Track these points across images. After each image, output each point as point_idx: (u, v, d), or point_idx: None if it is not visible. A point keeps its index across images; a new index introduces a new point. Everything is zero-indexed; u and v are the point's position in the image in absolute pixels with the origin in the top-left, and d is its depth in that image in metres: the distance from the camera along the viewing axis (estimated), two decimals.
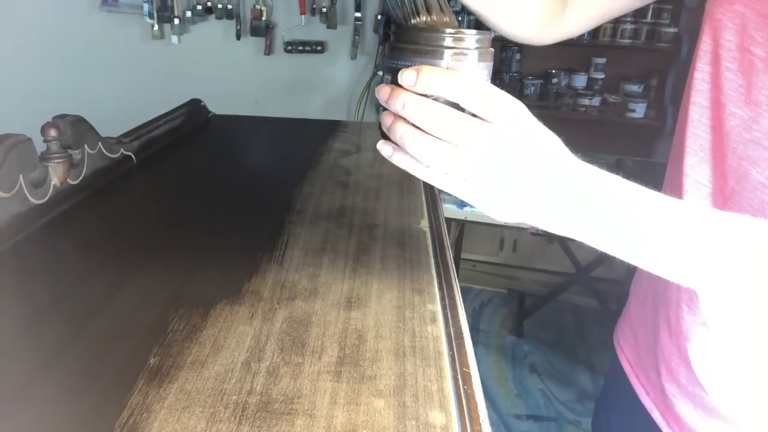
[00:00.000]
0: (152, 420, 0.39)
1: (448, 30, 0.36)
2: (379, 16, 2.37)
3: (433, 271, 0.61)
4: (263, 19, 2.47)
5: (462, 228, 2.43)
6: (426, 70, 0.35)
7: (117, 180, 0.85)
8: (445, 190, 0.38)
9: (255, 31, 2.50)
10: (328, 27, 2.45)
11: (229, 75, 2.60)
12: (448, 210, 1.89)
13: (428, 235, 0.70)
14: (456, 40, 0.36)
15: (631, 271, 0.68)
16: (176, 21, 2.48)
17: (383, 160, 0.40)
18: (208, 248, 0.66)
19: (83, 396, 0.42)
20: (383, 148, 0.39)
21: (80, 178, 0.76)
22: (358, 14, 2.45)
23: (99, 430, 0.38)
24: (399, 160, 0.39)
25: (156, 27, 2.52)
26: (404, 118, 0.36)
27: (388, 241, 0.68)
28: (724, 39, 0.47)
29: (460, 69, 0.36)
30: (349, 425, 0.39)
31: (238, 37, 2.53)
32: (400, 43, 0.37)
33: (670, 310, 0.56)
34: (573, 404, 1.93)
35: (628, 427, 0.68)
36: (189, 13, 2.50)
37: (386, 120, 0.38)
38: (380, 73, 2.41)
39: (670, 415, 0.59)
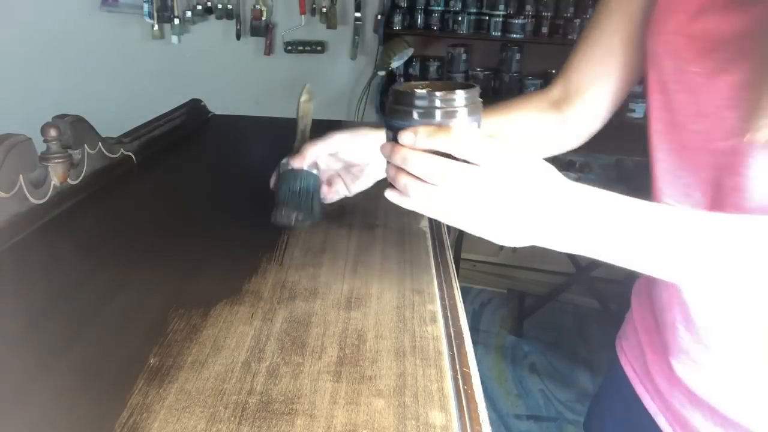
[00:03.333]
0: (152, 420, 0.39)
1: (438, 93, 0.41)
2: (379, 16, 2.37)
3: (433, 271, 0.61)
4: (263, 19, 2.47)
5: None
6: (421, 131, 0.40)
7: (117, 180, 0.85)
8: (452, 225, 0.43)
9: (255, 31, 2.50)
10: (328, 27, 2.45)
11: (229, 75, 2.60)
12: None
13: (428, 235, 0.70)
14: (445, 101, 0.41)
15: (630, 272, 0.68)
16: (176, 21, 2.48)
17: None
18: (208, 248, 0.66)
19: (83, 396, 0.42)
20: (391, 195, 0.44)
21: (80, 178, 0.76)
22: (358, 14, 2.45)
23: (99, 430, 0.38)
24: (406, 203, 0.43)
25: (156, 27, 2.52)
26: (405, 170, 0.41)
27: (388, 241, 0.68)
28: (665, 66, 0.50)
29: (451, 124, 0.41)
30: (349, 425, 0.39)
31: (238, 37, 2.53)
32: (397, 105, 0.42)
33: (675, 322, 0.56)
34: (573, 404, 1.93)
35: (623, 429, 0.68)
36: (189, 13, 2.50)
37: (390, 172, 0.43)
38: (380, 73, 2.40)
39: (678, 422, 0.58)
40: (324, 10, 2.43)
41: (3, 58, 2.64)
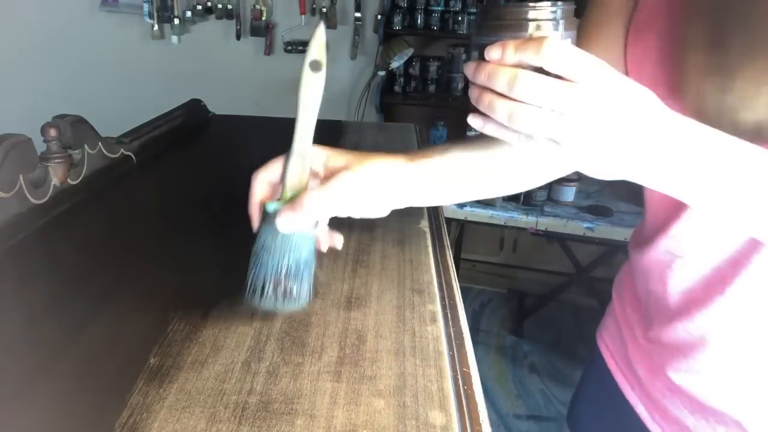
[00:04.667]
0: (152, 420, 0.39)
1: (530, 3, 0.38)
2: (379, 16, 2.37)
3: (433, 271, 0.61)
4: (263, 19, 2.47)
5: (462, 228, 2.43)
6: (510, 43, 0.36)
7: (117, 180, 0.85)
8: (540, 152, 0.39)
9: (255, 31, 2.51)
10: (328, 27, 2.45)
11: (229, 75, 2.60)
12: (448, 210, 1.89)
13: (428, 235, 0.70)
14: (537, 11, 0.38)
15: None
16: (176, 21, 2.49)
17: None
18: (208, 248, 0.66)
19: (83, 396, 0.42)
20: (474, 120, 0.40)
21: (80, 178, 0.76)
22: (358, 14, 2.45)
23: (99, 430, 0.38)
24: (491, 129, 0.39)
25: (156, 27, 2.52)
26: (491, 90, 0.37)
27: (388, 241, 0.68)
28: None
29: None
30: (349, 425, 0.39)
31: (238, 37, 2.53)
32: (486, 20, 0.39)
33: (661, 313, 0.56)
34: None
35: (608, 418, 0.69)
36: (189, 13, 2.50)
37: (474, 92, 0.39)
38: (380, 73, 2.40)
39: (657, 410, 0.59)
40: (324, 10, 2.43)
41: (3, 58, 2.65)
